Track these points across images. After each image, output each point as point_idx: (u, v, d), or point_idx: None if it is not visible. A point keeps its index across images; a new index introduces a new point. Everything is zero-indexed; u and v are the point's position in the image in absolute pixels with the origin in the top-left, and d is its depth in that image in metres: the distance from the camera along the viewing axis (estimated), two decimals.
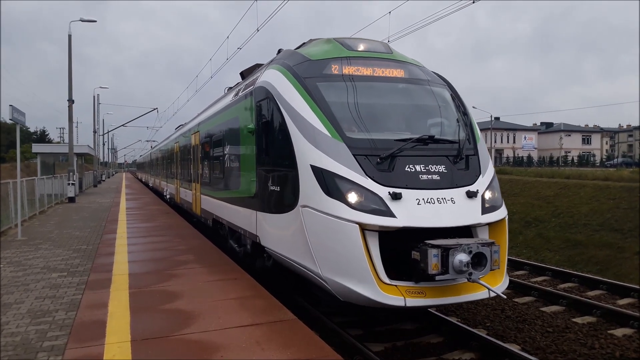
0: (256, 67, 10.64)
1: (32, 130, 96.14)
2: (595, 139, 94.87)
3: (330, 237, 5.89)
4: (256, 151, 8.02)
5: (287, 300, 7.14)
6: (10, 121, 12.60)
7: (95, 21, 28.62)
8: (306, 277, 6.55)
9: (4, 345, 5.05)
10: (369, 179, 5.97)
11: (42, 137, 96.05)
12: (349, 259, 5.70)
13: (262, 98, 7.78)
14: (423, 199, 5.97)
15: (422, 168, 6.28)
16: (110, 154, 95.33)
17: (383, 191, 5.89)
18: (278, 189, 7.12)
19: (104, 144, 70.50)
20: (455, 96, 7.70)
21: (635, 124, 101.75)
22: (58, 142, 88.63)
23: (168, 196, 23.88)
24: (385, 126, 6.94)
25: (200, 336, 5.17)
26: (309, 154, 6.29)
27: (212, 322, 5.61)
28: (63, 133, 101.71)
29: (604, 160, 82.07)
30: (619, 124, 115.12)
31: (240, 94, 9.58)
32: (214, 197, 11.93)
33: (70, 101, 26.98)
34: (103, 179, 60.38)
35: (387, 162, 6.20)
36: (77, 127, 75.17)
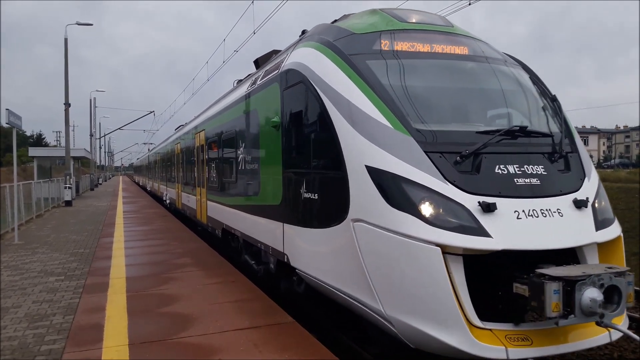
0: (274, 54, 9.24)
1: (28, 133, 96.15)
2: (593, 140, 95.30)
3: (399, 264, 4.46)
4: (282, 149, 6.74)
5: (285, 303, 7.13)
6: (7, 125, 12.61)
7: (91, 24, 28.66)
8: (359, 312, 5.15)
9: (2, 349, 5.03)
10: (450, 184, 4.57)
11: (39, 141, 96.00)
12: (427, 295, 4.30)
13: (291, 84, 6.46)
14: (523, 210, 4.56)
15: (516, 169, 4.87)
16: (107, 157, 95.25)
17: (470, 201, 4.49)
18: (315, 196, 5.76)
19: (100, 148, 70.50)
20: (537, 80, 6.37)
21: (631, 124, 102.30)
22: (55, 146, 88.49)
23: (168, 201, 23.01)
24: (458, 115, 5.64)
25: (198, 339, 5.16)
26: (363, 152, 4.92)
27: (210, 325, 5.61)
28: (60, 136, 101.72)
29: (601, 161, 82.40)
30: (616, 125, 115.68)
31: (259, 82, 8.14)
32: (225, 204, 10.48)
33: (67, 105, 26.98)
34: (100, 182, 60.29)
35: (469, 161, 4.80)
36: (73, 130, 75.13)
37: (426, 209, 4.44)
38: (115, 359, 4.68)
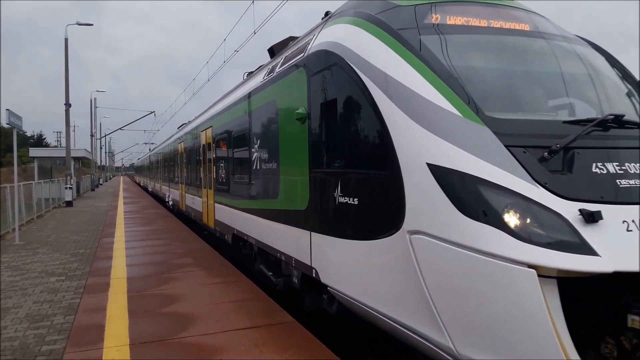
0: (290, 40, 8.45)
1: (28, 134, 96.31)
2: None
3: (475, 289, 3.52)
4: (310, 145, 5.85)
5: (285, 303, 7.14)
6: (7, 125, 12.64)
7: (91, 24, 28.71)
8: (416, 345, 4.23)
9: (2, 349, 5.04)
10: (541, 187, 3.61)
11: (39, 141, 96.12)
12: (517, 330, 3.36)
13: (322, 67, 5.53)
14: (633, 220, 3.59)
15: (616, 168, 3.88)
16: (107, 157, 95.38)
17: (569, 208, 3.52)
18: (355, 201, 4.82)
19: (101, 148, 70.58)
20: (615, 62, 5.47)
21: None
22: (55, 146, 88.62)
23: (170, 202, 22.18)
24: (533, 102, 4.63)
25: (199, 339, 5.17)
26: (422, 146, 3.98)
27: (211, 324, 5.62)
28: (60, 137, 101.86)
29: None
30: None
31: (277, 70, 7.21)
32: (236, 208, 9.48)
33: (67, 105, 27.01)
34: (101, 182, 60.37)
35: (558, 157, 3.82)
36: (74, 130, 75.24)
37: (513, 219, 3.46)
38: (116, 359, 4.69)
